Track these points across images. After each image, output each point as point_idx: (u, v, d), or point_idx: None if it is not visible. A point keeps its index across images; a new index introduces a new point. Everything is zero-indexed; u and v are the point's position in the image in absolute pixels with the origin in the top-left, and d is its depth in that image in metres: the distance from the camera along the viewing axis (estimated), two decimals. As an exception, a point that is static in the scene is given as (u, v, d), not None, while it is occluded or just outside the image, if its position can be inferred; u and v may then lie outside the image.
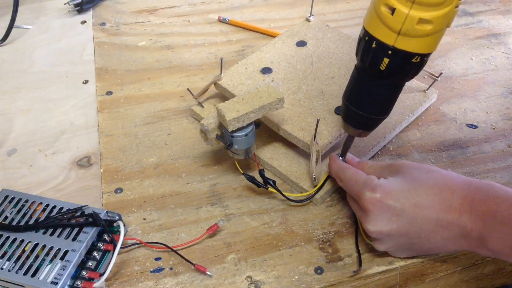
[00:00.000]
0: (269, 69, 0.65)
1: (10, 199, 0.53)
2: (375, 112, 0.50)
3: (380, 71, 0.45)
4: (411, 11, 0.42)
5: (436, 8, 0.41)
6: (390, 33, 0.43)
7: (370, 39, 0.45)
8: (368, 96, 0.49)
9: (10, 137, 0.65)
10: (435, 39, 0.44)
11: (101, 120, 0.66)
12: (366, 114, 0.50)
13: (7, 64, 0.76)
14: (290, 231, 0.53)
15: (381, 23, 0.44)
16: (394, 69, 0.45)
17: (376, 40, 0.44)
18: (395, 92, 0.49)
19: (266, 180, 0.54)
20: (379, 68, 0.45)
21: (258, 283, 0.49)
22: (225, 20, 0.82)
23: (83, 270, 0.48)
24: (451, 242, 0.46)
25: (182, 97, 0.70)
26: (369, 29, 0.45)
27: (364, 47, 0.46)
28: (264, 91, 0.55)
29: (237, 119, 0.52)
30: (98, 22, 0.84)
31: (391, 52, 0.44)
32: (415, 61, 0.44)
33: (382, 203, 0.46)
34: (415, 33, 0.42)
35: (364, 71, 0.48)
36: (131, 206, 0.56)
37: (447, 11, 0.42)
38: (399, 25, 0.42)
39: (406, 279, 0.51)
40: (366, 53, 0.46)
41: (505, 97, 0.68)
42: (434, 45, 0.44)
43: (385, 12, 0.43)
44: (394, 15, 0.42)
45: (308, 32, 0.71)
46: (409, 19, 0.42)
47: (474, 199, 0.45)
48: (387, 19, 0.43)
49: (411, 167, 0.49)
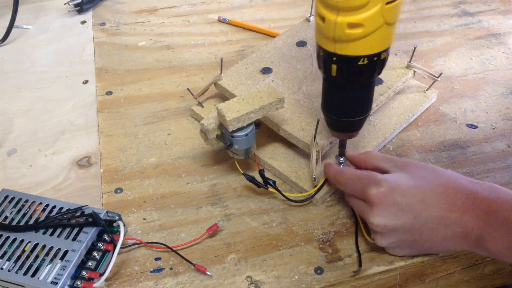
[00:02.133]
0: (269, 69, 0.65)
1: (10, 199, 0.53)
2: (354, 115, 0.50)
3: (334, 77, 0.46)
4: (338, 18, 0.42)
5: (362, 10, 0.41)
6: (328, 41, 0.44)
7: (318, 48, 0.46)
8: (342, 102, 0.49)
9: (10, 137, 0.65)
10: (375, 38, 0.43)
11: (101, 120, 0.66)
12: (347, 119, 0.50)
13: (7, 64, 0.76)
14: (290, 231, 0.53)
15: (319, 32, 0.44)
16: (345, 74, 0.45)
17: (322, 48, 0.45)
18: (366, 92, 0.49)
19: (266, 180, 0.54)
20: (331, 75, 0.46)
21: (258, 283, 0.49)
22: (225, 20, 0.82)
23: (83, 270, 0.48)
24: (451, 241, 0.46)
25: (182, 97, 0.70)
26: (316, 38, 0.46)
27: (317, 56, 0.47)
28: (264, 91, 0.55)
29: (237, 119, 0.52)
30: (98, 22, 0.84)
31: (335, 58, 0.44)
32: (362, 63, 0.44)
33: (388, 198, 0.46)
34: (349, 38, 0.42)
35: (326, 80, 0.48)
36: (131, 206, 0.56)
37: (376, 11, 0.41)
38: (332, 33, 0.43)
39: (406, 279, 0.51)
40: (319, 62, 0.47)
41: (505, 97, 0.68)
42: (378, 44, 0.44)
43: (319, 22, 0.44)
44: (325, 23, 0.43)
45: (308, 32, 0.71)
46: (338, 26, 0.42)
47: (477, 198, 0.45)
48: (321, 28, 0.44)
49: (416, 166, 0.49)
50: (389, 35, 0.44)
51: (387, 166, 0.51)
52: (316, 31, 0.45)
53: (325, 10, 0.42)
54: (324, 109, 0.51)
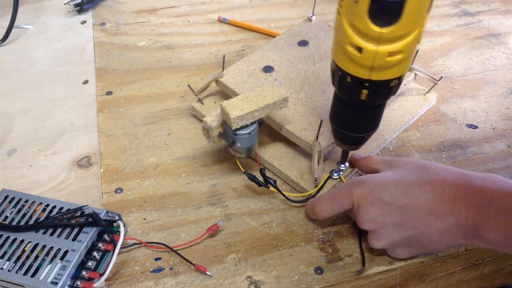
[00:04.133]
0: (271, 67, 0.65)
1: (10, 199, 0.53)
2: (362, 131, 0.50)
3: (361, 100, 0.45)
4: (380, 48, 0.40)
5: (404, 38, 0.40)
6: (363, 69, 0.42)
7: (343, 73, 0.44)
8: (354, 119, 0.49)
9: (10, 137, 0.65)
10: (409, 60, 0.43)
11: (101, 120, 0.66)
12: (354, 134, 0.50)
13: (7, 64, 0.76)
14: (290, 231, 0.53)
15: (351, 61, 0.42)
16: (374, 96, 0.45)
17: (351, 75, 0.43)
18: (380, 111, 0.49)
19: (266, 180, 0.54)
20: (359, 98, 0.45)
21: (258, 283, 0.49)
22: (225, 20, 0.82)
23: (83, 270, 0.48)
24: (446, 234, 0.46)
25: (182, 97, 0.70)
26: (340, 64, 0.44)
27: (340, 80, 0.45)
28: (268, 90, 0.55)
29: (241, 117, 0.52)
30: (98, 22, 0.84)
31: (368, 84, 0.43)
32: (394, 85, 0.44)
33: (373, 195, 0.47)
34: (388, 65, 0.41)
35: (347, 102, 0.47)
36: (131, 206, 0.56)
37: (415, 36, 0.40)
38: (370, 62, 0.41)
39: (406, 279, 0.51)
40: (343, 86, 0.45)
41: (505, 97, 0.68)
42: (408, 65, 0.43)
43: (353, 52, 0.41)
44: (362, 53, 0.41)
45: (309, 32, 0.71)
46: (379, 56, 0.40)
47: (468, 187, 0.44)
48: (356, 58, 0.41)
49: (407, 162, 0.49)
50: (414, 53, 0.44)
51: (382, 167, 0.51)
52: (345, 59, 0.43)
53: (363, 40, 0.40)
54: (333, 123, 0.51)
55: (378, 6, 0.38)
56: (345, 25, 0.41)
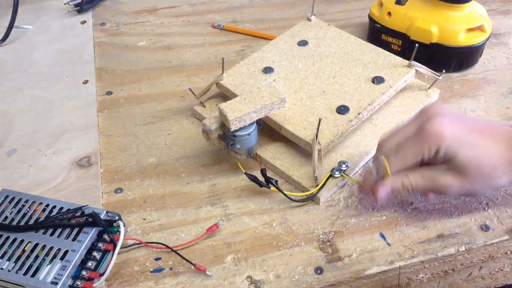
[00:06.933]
0: (271, 68, 0.65)
1: (10, 199, 0.53)
2: None
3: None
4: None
5: None
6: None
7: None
8: None
9: (10, 137, 0.65)
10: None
11: (101, 120, 0.66)
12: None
13: (7, 64, 0.76)
14: (290, 231, 0.53)
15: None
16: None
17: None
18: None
19: (268, 180, 0.54)
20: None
21: (258, 283, 0.49)
22: (219, 26, 0.82)
23: (83, 270, 0.48)
24: (505, 160, 0.47)
25: (182, 97, 0.70)
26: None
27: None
28: (266, 91, 0.55)
29: (239, 118, 0.52)
30: (98, 22, 0.84)
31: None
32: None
33: (450, 115, 0.48)
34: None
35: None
36: (131, 206, 0.56)
37: None
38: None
39: (406, 279, 0.51)
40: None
41: (505, 97, 0.68)
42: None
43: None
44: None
45: (309, 32, 0.71)
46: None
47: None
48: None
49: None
50: None
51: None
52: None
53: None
54: None
55: None
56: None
